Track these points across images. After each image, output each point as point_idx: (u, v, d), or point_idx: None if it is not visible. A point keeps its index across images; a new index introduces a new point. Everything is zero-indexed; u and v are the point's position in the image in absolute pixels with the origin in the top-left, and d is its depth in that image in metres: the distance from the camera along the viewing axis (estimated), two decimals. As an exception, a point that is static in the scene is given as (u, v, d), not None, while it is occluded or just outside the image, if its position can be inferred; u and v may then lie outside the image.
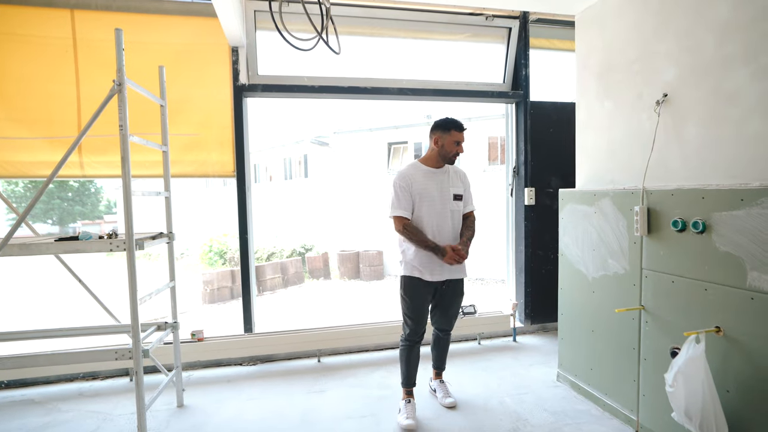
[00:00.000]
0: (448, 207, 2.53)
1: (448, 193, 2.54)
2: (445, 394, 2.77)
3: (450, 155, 2.53)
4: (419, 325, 2.57)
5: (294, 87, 3.54)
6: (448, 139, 2.50)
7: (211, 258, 13.66)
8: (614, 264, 2.48)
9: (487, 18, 3.78)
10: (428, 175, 2.54)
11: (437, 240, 2.48)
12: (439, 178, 2.55)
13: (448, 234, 2.52)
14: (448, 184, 2.56)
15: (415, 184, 2.50)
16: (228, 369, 3.38)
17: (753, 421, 1.78)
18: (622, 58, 2.55)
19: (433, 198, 2.50)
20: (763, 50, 1.81)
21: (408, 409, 2.57)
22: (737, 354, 1.83)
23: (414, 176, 2.52)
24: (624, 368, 2.44)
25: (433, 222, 2.50)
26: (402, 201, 2.49)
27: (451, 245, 2.44)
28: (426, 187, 2.51)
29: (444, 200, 2.52)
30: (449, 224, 2.54)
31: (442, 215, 2.51)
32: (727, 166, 1.96)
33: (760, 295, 1.72)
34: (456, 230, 2.56)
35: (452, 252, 2.42)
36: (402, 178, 2.52)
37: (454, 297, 2.65)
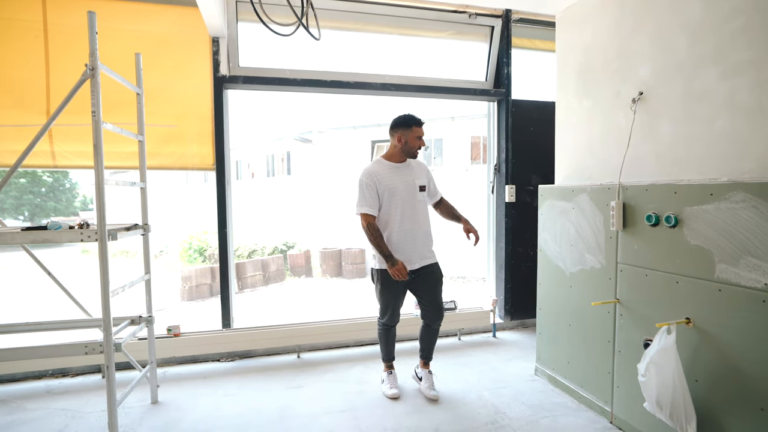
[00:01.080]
0: (415, 198, 2.67)
1: (414, 185, 2.68)
2: (430, 385, 2.80)
3: (413, 150, 2.66)
4: (395, 314, 2.76)
5: (276, 80, 3.50)
6: (410, 135, 2.62)
7: (191, 255, 13.44)
8: (591, 258, 2.52)
9: (470, 16, 3.80)
10: (393, 170, 2.66)
11: (406, 229, 2.64)
12: (403, 172, 2.68)
13: (416, 222, 2.67)
14: (413, 177, 2.70)
15: (381, 180, 2.61)
16: (205, 365, 3.32)
17: (720, 410, 1.83)
18: (600, 57, 2.60)
19: (400, 191, 2.63)
20: (732, 50, 1.86)
21: (390, 380, 2.83)
22: (706, 344, 1.88)
23: (379, 173, 2.63)
24: (599, 361, 2.48)
25: (401, 213, 2.63)
26: (368, 198, 2.59)
27: (402, 263, 2.56)
28: (393, 182, 2.62)
29: (411, 192, 2.66)
30: (417, 214, 2.68)
31: (411, 205, 2.65)
32: (698, 162, 2.01)
33: (727, 286, 1.77)
34: (423, 218, 2.72)
35: (402, 269, 2.54)
36: (368, 176, 2.62)
37: (434, 281, 2.74)
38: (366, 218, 2.59)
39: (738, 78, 1.84)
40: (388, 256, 2.55)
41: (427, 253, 2.72)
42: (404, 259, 2.61)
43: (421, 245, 2.69)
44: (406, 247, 2.64)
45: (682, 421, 1.85)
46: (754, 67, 1.79)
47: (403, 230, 2.64)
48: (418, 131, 2.64)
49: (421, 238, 2.70)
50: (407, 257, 2.64)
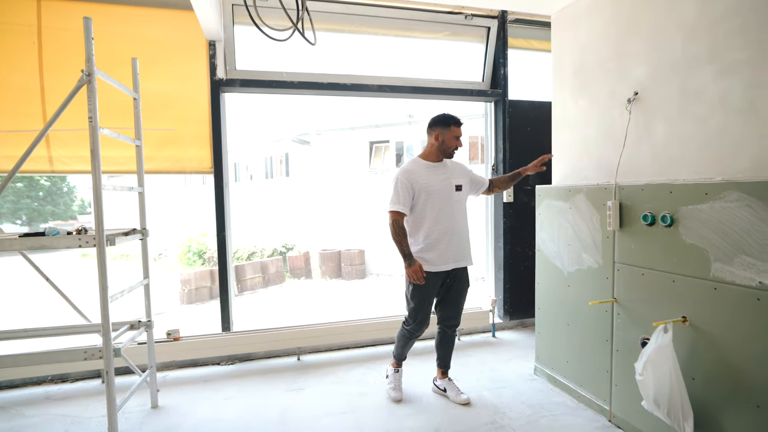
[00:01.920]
0: (451, 198, 2.62)
1: (450, 185, 2.63)
2: (458, 391, 2.76)
3: (450, 150, 2.63)
4: (424, 322, 2.65)
5: (273, 82, 3.51)
6: (448, 134, 2.59)
7: (190, 258, 13.43)
8: (588, 258, 2.53)
9: (466, 17, 3.81)
10: (430, 170, 2.62)
11: (443, 229, 2.59)
12: (440, 172, 2.63)
13: (453, 222, 2.62)
14: (449, 177, 2.65)
15: (417, 179, 2.57)
16: (205, 369, 3.33)
17: (717, 407, 1.84)
18: (595, 57, 2.61)
19: (437, 191, 2.58)
20: (726, 50, 1.87)
21: (396, 379, 2.82)
22: (702, 342, 1.89)
23: (416, 171, 2.59)
24: (597, 360, 2.49)
25: (437, 212, 2.58)
26: (402, 196, 2.54)
27: (420, 265, 2.52)
28: (429, 181, 2.58)
29: (447, 192, 2.61)
30: (454, 214, 2.63)
31: (447, 205, 2.61)
32: (693, 162, 2.02)
33: (722, 285, 1.79)
34: (460, 218, 2.66)
35: (419, 271, 2.51)
36: (404, 174, 2.58)
37: (461, 288, 2.70)
38: (395, 215, 2.55)
39: (732, 78, 1.85)
40: (407, 255, 2.52)
41: (463, 254, 2.67)
42: (439, 259, 2.58)
43: (456, 246, 2.62)
44: (441, 247, 2.58)
45: (680, 419, 1.86)
46: (747, 67, 1.80)
47: (438, 230, 2.58)
48: (457, 131, 2.60)
49: (457, 239, 2.63)
50: (442, 257, 2.58)
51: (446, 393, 2.78)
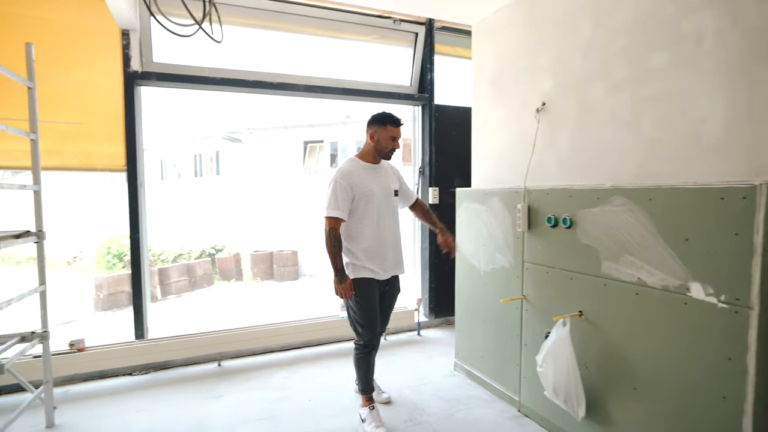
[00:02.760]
0: (391, 203, 2.51)
1: (389, 189, 2.51)
2: (379, 391, 2.77)
3: (386, 151, 2.47)
4: (375, 329, 2.49)
5: (194, 78, 3.35)
6: (383, 133, 2.43)
7: (109, 261, 12.46)
8: (501, 258, 2.68)
9: (394, 21, 3.88)
10: (369, 172, 2.47)
11: (383, 236, 2.45)
12: (379, 174, 2.50)
13: (392, 229, 2.52)
14: (387, 180, 2.53)
15: (357, 181, 2.40)
16: (115, 380, 3.10)
17: (604, 391, 2.03)
18: (510, 68, 2.76)
19: (377, 195, 2.43)
20: (615, 67, 2.07)
21: (374, 417, 2.45)
22: (594, 334, 2.06)
23: (355, 173, 2.42)
24: (509, 354, 2.64)
25: (377, 218, 2.44)
26: (341, 201, 2.35)
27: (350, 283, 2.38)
28: (368, 184, 2.42)
29: (387, 196, 2.49)
30: (393, 220, 2.54)
31: (387, 211, 2.48)
32: (588, 169, 2.21)
33: (610, 281, 1.97)
34: (397, 225, 2.58)
35: (348, 289, 2.36)
36: (343, 176, 2.39)
37: (393, 295, 2.64)
38: (332, 222, 2.34)
39: (620, 94, 2.05)
40: (339, 270, 2.33)
41: (399, 262, 2.58)
42: (380, 268, 2.45)
43: (395, 254, 2.54)
44: (381, 256, 2.45)
45: (574, 405, 2.02)
46: (632, 85, 1.99)
47: (379, 238, 2.45)
48: (393, 131, 2.44)
49: (396, 246, 2.55)
50: (382, 267, 2.46)
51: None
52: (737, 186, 1.51)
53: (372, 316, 2.46)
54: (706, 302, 1.61)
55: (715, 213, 1.57)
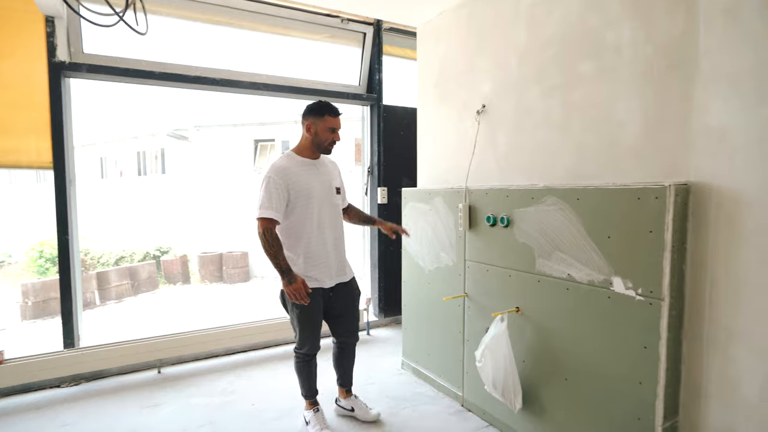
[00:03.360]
0: (332, 201, 2.31)
1: (330, 186, 2.31)
2: (367, 408, 2.54)
3: (325, 144, 2.25)
4: (317, 339, 2.34)
5: (130, 71, 3.18)
6: (321, 125, 2.21)
7: (42, 265, 11.61)
8: (445, 257, 2.73)
9: (342, 21, 3.86)
10: (307, 168, 2.24)
11: (325, 239, 2.26)
12: (319, 170, 2.28)
13: (335, 231, 2.32)
14: (328, 176, 2.32)
15: (294, 178, 2.18)
16: (40, 393, 2.89)
17: (539, 383, 2.12)
18: (453, 70, 2.83)
19: (317, 193, 2.22)
20: (548, 74, 2.17)
21: (318, 419, 2.38)
22: (530, 329, 2.15)
23: (292, 169, 2.19)
24: (453, 351, 2.70)
25: (317, 220, 2.23)
26: (274, 200, 2.12)
27: (304, 281, 2.15)
28: (308, 182, 2.21)
29: (328, 195, 2.28)
30: (335, 221, 2.33)
31: (328, 212, 2.28)
32: (524, 170, 2.30)
33: (544, 277, 2.06)
34: (341, 226, 2.39)
35: (301, 288, 2.12)
36: (278, 172, 2.16)
37: (351, 298, 2.43)
38: (265, 223, 2.11)
39: (552, 98, 2.14)
40: (285, 271, 2.11)
41: (345, 267, 2.39)
42: (324, 275, 2.25)
43: (339, 258, 2.35)
44: (324, 261, 2.26)
45: (512, 397, 2.10)
46: (562, 90, 2.10)
47: (321, 241, 2.24)
48: (332, 122, 2.22)
49: (340, 250, 2.36)
50: (326, 273, 2.27)
51: (354, 412, 2.54)
52: (650, 187, 1.62)
53: (313, 329, 2.29)
54: (626, 295, 1.72)
55: (633, 212, 1.68)
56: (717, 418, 1.61)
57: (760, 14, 1.45)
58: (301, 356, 2.38)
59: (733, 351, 1.55)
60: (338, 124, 2.26)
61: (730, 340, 1.56)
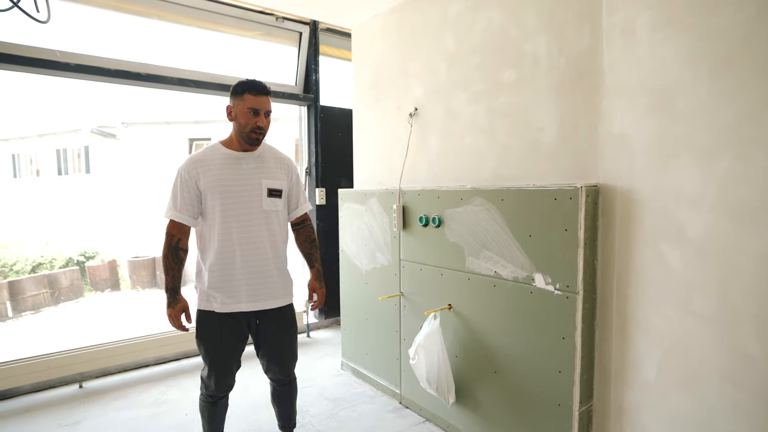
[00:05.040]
0: (259, 204, 1.86)
1: (259, 186, 1.86)
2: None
3: (246, 130, 1.80)
4: (224, 378, 1.91)
5: (39, 61, 2.92)
6: (241, 106, 1.78)
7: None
8: (381, 257, 2.77)
9: (277, 19, 3.78)
10: (230, 162, 1.84)
11: (243, 251, 1.84)
12: (244, 166, 1.86)
13: (259, 242, 1.87)
14: (259, 174, 1.88)
15: (207, 173, 1.80)
16: (-63, 418, 2.60)
17: (471, 377, 2.21)
18: (387, 73, 2.87)
19: (232, 192, 1.82)
20: (474, 80, 2.26)
21: None
22: (462, 325, 2.24)
23: (208, 163, 1.82)
24: (390, 349, 2.74)
25: (235, 227, 1.82)
26: (180, 199, 1.80)
27: (186, 307, 1.85)
28: (224, 177, 1.81)
29: (253, 195, 1.85)
30: (261, 230, 1.87)
31: (249, 218, 1.84)
32: (454, 171, 2.39)
33: (473, 275, 2.15)
34: (273, 238, 1.90)
35: (178, 315, 1.83)
36: (189, 166, 1.81)
37: (279, 331, 1.96)
38: (170, 227, 1.82)
39: (478, 104, 2.24)
40: (168, 291, 1.80)
41: (271, 290, 1.90)
42: (229, 296, 1.83)
43: (265, 278, 1.88)
44: (232, 280, 1.83)
45: (445, 393, 2.18)
46: (487, 95, 2.19)
47: (231, 254, 1.82)
48: (253, 101, 1.78)
49: (268, 268, 1.89)
50: (233, 294, 1.84)
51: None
52: (565, 188, 1.75)
53: (217, 365, 1.88)
54: (546, 290, 1.84)
55: (551, 212, 1.80)
56: (624, 399, 1.76)
57: (650, 36, 1.61)
58: (202, 394, 1.97)
59: (635, 337, 1.71)
60: (263, 105, 1.81)
61: (632, 328, 1.71)
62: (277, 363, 2.00)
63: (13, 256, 10.20)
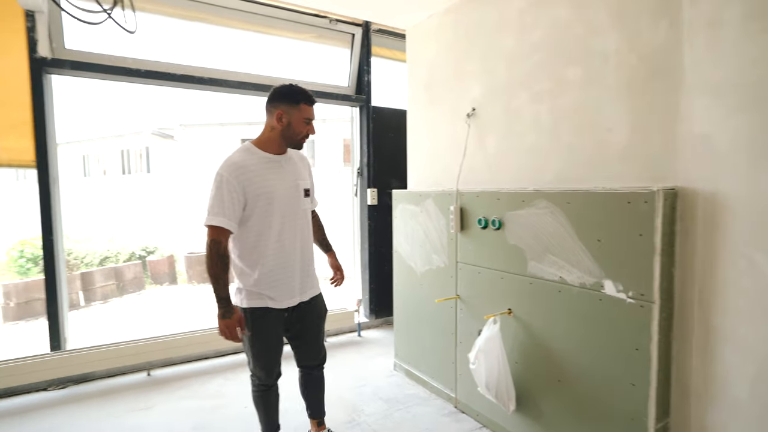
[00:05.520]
0: (299, 207, 1.95)
1: (297, 188, 1.94)
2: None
3: (298, 138, 1.90)
4: (274, 367, 2.01)
5: (115, 68, 3.12)
6: (296, 115, 1.86)
7: (23, 265, 11.38)
8: (437, 258, 2.75)
9: (330, 21, 3.84)
10: (270, 165, 1.87)
11: (288, 250, 1.92)
12: (284, 169, 1.91)
13: (301, 240, 1.97)
14: (295, 175, 1.95)
15: (253, 179, 1.81)
16: (26, 397, 2.84)
17: (532, 384, 2.14)
18: (442, 73, 2.84)
19: (279, 196, 1.87)
20: (536, 79, 2.19)
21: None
22: (522, 331, 2.18)
23: (250, 168, 1.82)
24: (445, 352, 2.71)
25: (279, 227, 1.88)
26: (227, 203, 1.77)
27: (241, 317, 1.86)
28: (269, 182, 1.85)
29: (294, 198, 1.92)
30: (302, 229, 1.98)
31: (293, 219, 1.92)
32: (514, 173, 2.32)
33: (536, 280, 2.08)
34: (308, 235, 2.04)
35: (234, 327, 1.82)
36: (233, 171, 1.79)
37: (317, 320, 2.10)
38: (215, 233, 1.76)
39: (541, 103, 2.17)
40: (222, 301, 1.79)
41: (312, 281, 2.05)
42: (283, 294, 1.92)
43: (304, 272, 2.00)
44: (284, 279, 1.91)
45: (505, 399, 2.13)
46: (549, 96, 2.12)
47: (283, 254, 1.90)
48: (308, 111, 1.88)
49: (306, 263, 2.01)
50: (287, 292, 1.93)
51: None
52: (640, 191, 1.65)
53: (269, 356, 1.97)
54: (617, 298, 1.75)
55: (623, 216, 1.71)
56: (707, 418, 1.65)
57: (740, 29, 1.49)
58: (254, 385, 2.05)
59: (721, 350, 1.59)
60: (314, 115, 1.93)
61: (717, 341, 1.60)
62: (316, 348, 2.14)
63: (84, 250, 11.00)
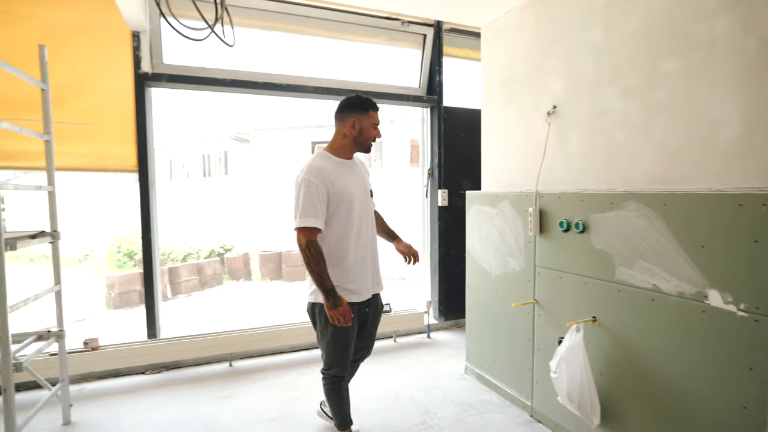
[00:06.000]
0: (368, 206, 2.14)
1: (366, 189, 2.14)
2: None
3: (369, 142, 2.09)
4: (347, 360, 2.15)
5: (203, 79, 3.37)
6: (367, 121, 2.04)
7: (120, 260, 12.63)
8: (513, 262, 2.66)
9: (402, 23, 3.87)
10: (345, 169, 2.05)
11: (363, 249, 2.08)
12: (355, 172, 2.11)
13: (372, 239, 2.16)
14: (362, 178, 2.14)
15: (334, 181, 1.98)
16: (128, 379, 3.14)
17: (620, 398, 2.01)
18: (520, 71, 2.75)
19: (356, 197, 2.04)
20: (625, 74, 2.05)
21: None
22: (608, 340, 2.05)
23: (330, 171, 1.99)
24: (521, 358, 2.62)
25: (356, 227, 2.04)
26: (317, 205, 1.92)
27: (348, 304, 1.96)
28: (347, 185, 2.02)
29: (364, 198, 2.10)
30: (372, 231, 2.17)
31: (365, 217, 2.10)
32: (600, 173, 2.19)
33: (625, 287, 1.95)
34: (375, 237, 2.22)
35: (347, 312, 1.94)
36: (317, 175, 1.94)
37: (376, 315, 2.28)
38: (308, 234, 1.91)
39: (631, 99, 2.02)
40: (330, 291, 1.90)
41: (379, 277, 2.22)
42: (362, 287, 2.06)
43: (374, 268, 2.18)
44: (363, 272, 2.08)
45: (588, 412, 2.01)
46: (641, 91, 1.97)
47: (362, 251, 2.07)
48: (376, 117, 2.07)
49: (375, 259, 2.18)
50: (365, 285, 2.08)
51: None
52: (756, 193, 1.49)
53: (347, 348, 2.10)
54: (725, 310, 1.59)
55: (733, 220, 1.55)
56: (833, 450, 1.45)
57: None
58: (329, 377, 2.17)
59: None
60: (379, 120, 2.11)
61: None
62: (371, 341, 2.32)
63: (169, 247, 11.98)
